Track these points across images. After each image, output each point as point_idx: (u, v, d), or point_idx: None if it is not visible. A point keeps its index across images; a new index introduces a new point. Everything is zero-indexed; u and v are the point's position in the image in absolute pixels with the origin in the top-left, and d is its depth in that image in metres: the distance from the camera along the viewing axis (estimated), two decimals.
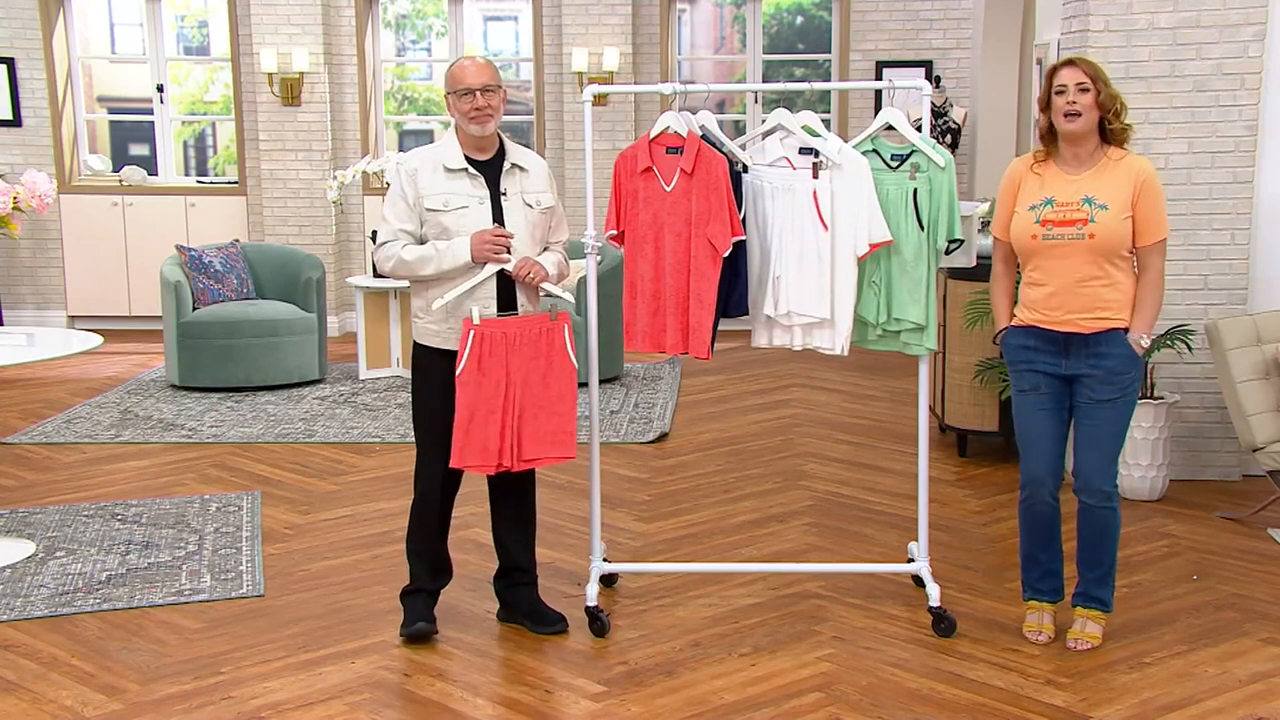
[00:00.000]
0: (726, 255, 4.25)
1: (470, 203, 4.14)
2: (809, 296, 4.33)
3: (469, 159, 4.17)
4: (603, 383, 7.89)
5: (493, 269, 4.09)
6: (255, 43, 9.89)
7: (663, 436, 6.94)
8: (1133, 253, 4.08)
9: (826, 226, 4.27)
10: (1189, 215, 5.76)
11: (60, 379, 8.43)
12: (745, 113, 10.72)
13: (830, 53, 10.50)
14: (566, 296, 4.36)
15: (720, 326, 4.39)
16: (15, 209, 7.01)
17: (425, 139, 11.82)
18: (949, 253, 4.35)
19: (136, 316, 10.27)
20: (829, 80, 10.49)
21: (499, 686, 3.99)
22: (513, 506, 4.38)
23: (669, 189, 4.31)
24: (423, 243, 4.16)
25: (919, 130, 4.38)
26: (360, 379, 8.33)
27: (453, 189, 4.14)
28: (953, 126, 9.60)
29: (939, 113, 9.56)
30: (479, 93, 4.09)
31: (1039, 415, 4.16)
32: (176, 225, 10.17)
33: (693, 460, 6.50)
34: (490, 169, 4.19)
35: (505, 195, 4.18)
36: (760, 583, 4.75)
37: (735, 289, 4.36)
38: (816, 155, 4.29)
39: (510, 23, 12.92)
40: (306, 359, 8.16)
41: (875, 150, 4.34)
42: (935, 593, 4.38)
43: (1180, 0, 5.72)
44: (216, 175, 11.64)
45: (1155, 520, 5.48)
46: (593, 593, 4.41)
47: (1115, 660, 4.11)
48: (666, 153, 4.32)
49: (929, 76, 9.95)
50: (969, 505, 5.73)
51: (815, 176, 4.29)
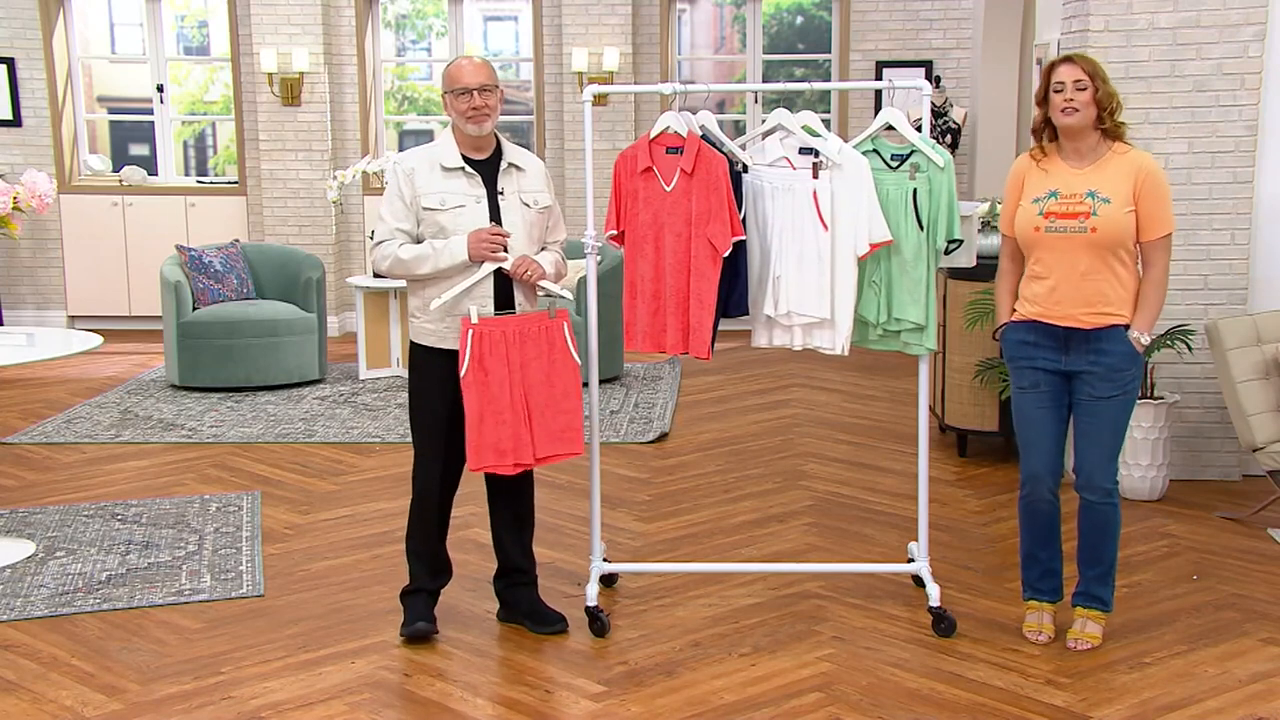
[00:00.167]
0: (726, 255, 4.25)
1: (467, 202, 4.13)
2: (809, 296, 4.33)
3: (466, 158, 4.17)
4: (603, 383, 7.89)
5: (490, 268, 4.09)
6: (255, 43, 9.89)
7: (663, 436, 6.94)
8: (1137, 247, 4.09)
9: (826, 226, 4.27)
10: (1189, 215, 5.76)
11: (60, 379, 8.43)
12: (745, 113, 10.72)
13: (830, 53, 10.50)
14: (565, 294, 4.35)
15: (720, 326, 4.39)
16: (15, 209, 7.00)
17: (425, 139, 11.81)
18: (948, 253, 4.35)
19: (136, 316, 10.27)
20: (829, 80, 10.48)
21: (499, 686, 3.99)
22: (510, 507, 4.38)
23: (669, 189, 4.31)
24: (420, 242, 4.16)
25: (919, 130, 4.38)
26: (360, 379, 8.33)
27: (449, 188, 4.14)
28: (953, 126, 9.60)
29: (939, 113, 9.56)
30: (476, 92, 4.09)
31: (1039, 413, 4.16)
32: (176, 225, 10.17)
33: (693, 460, 6.50)
34: (487, 168, 4.19)
35: (502, 194, 4.18)
36: (760, 583, 4.75)
37: (735, 289, 4.36)
38: (816, 155, 4.29)
39: (510, 23, 12.91)
40: (306, 359, 8.16)
41: (875, 150, 4.34)
42: (935, 593, 4.38)
43: (1180, 0, 5.72)
44: (216, 175, 11.64)
45: (1155, 520, 5.48)
46: (593, 593, 4.41)
47: (1115, 660, 4.11)
48: (666, 153, 4.32)
49: (929, 76, 9.95)
50: (969, 505, 5.73)
51: (815, 176, 4.28)
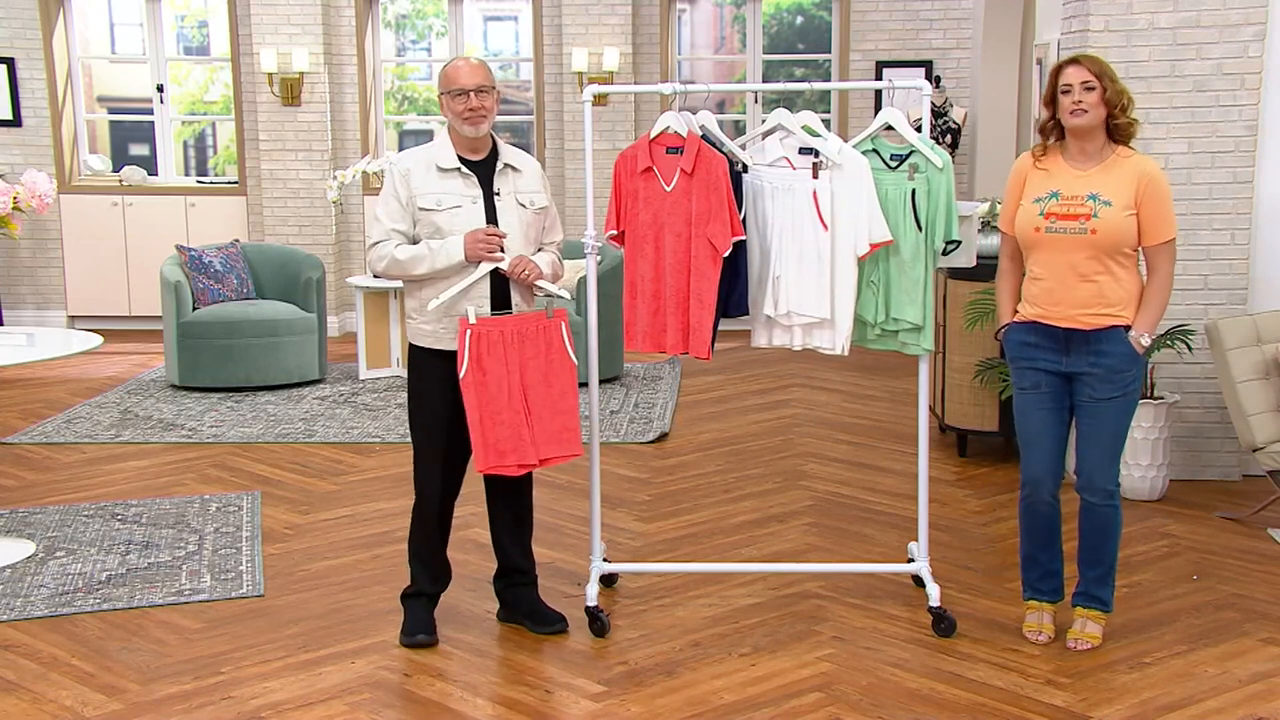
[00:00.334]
0: (726, 255, 4.25)
1: (463, 202, 4.13)
2: (809, 296, 4.32)
3: (462, 159, 4.17)
4: (603, 383, 7.89)
5: (486, 268, 4.09)
6: (255, 43, 9.89)
7: (663, 436, 6.94)
8: (1137, 251, 4.08)
9: (826, 226, 4.27)
10: (1189, 215, 5.76)
11: (60, 379, 8.43)
12: (745, 113, 10.72)
13: (830, 53, 10.50)
14: (562, 293, 4.35)
15: (720, 326, 4.39)
16: (15, 209, 7.00)
17: (425, 139, 11.81)
18: (946, 253, 4.35)
19: (136, 316, 10.27)
20: (829, 80, 10.48)
21: (499, 686, 3.99)
22: (509, 508, 4.38)
23: (669, 189, 4.31)
24: (416, 243, 4.16)
25: (919, 130, 4.38)
26: (360, 379, 8.33)
27: (445, 189, 4.14)
28: (953, 126, 9.60)
29: (939, 113, 9.56)
30: (473, 93, 4.09)
31: (1040, 414, 4.15)
32: (176, 225, 10.17)
33: (693, 460, 6.50)
34: (483, 169, 4.19)
35: (499, 195, 4.18)
36: (760, 583, 4.75)
37: (735, 289, 4.36)
38: (816, 155, 4.29)
39: (510, 23, 12.91)
40: (306, 359, 8.16)
41: (875, 150, 4.34)
42: (935, 593, 4.38)
43: (1180, 0, 5.72)
44: (216, 175, 11.64)
45: (1155, 520, 5.48)
46: (593, 593, 4.41)
47: (1115, 660, 4.11)
48: (666, 153, 4.32)
49: (929, 76, 9.95)
50: (969, 505, 5.73)
51: (815, 176, 4.28)
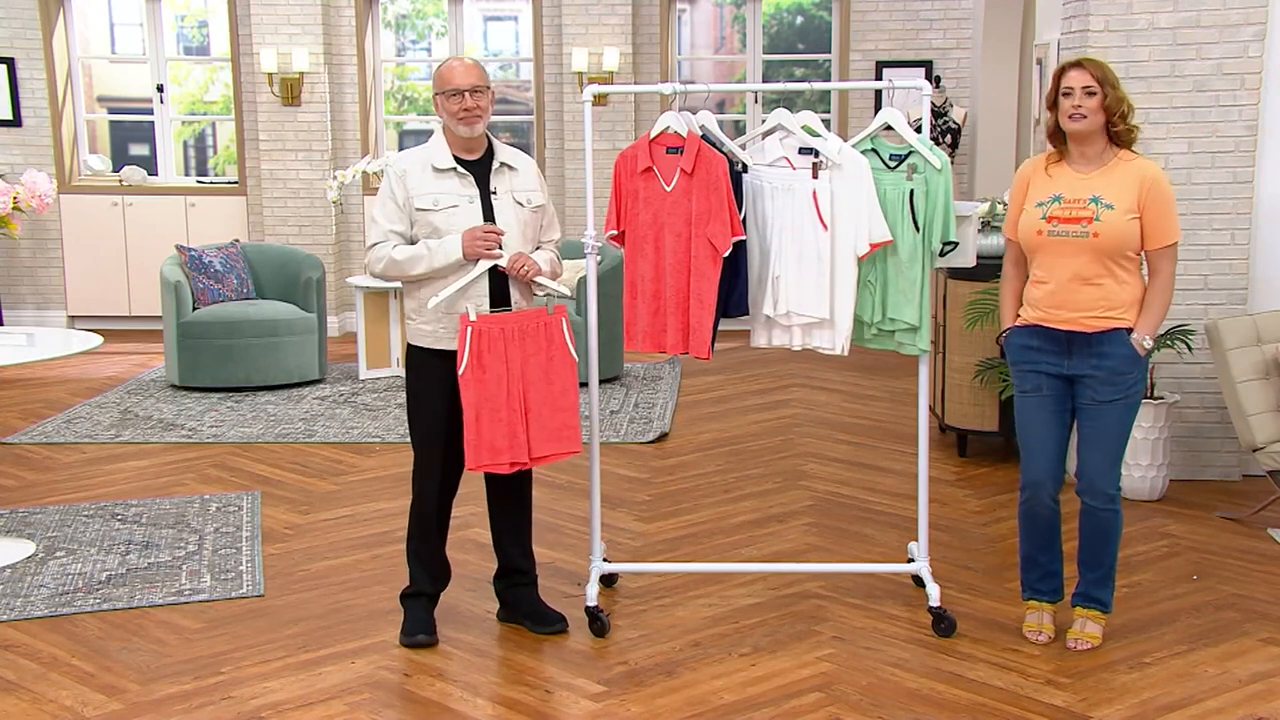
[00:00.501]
0: (726, 255, 4.25)
1: (460, 202, 4.14)
2: (809, 296, 4.32)
3: (458, 159, 4.17)
4: (603, 383, 7.89)
5: (485, 265, 4.09)
6: (255, 43, 9.89)
7: (663, 436, 6.94)
8: (1139, 254, 4.08)
9: (826, 226, 4.27)
10: (1189, 215, 5.76)
11: (60, 379, 8.43)
12: (745, 113, 10.71)
13: (830, 53, 10.50)
14: (562, 290, 4.35)
15: (720, 326, 4.39)
16: (15, 209, 7.01)
17: (425, 139, 11.76)
18: (943, 254, 4.35)
19: (136, 316, 10.27)
20: (829, 80, 10.48)
21: (499, 686, 3.99)
22: (509, 508, 4.38)
23: (669, 189, 4.31)
24: (413, 244, 4.16)
25: (919, 131, 4.38)
26: (360, 379, 8.32)
27: (442, 189, 4.14)
28: (953, 126, 9.60)
29: (939, 113, 9.56)
30: (468, 93, 4.09)
31: (1040, 417, 4.14)
32: (176, 225, 10.16)
33: (693, 460, 6.50)
34: (479, 168, 4.19)
35: (495, 194, 4.18)
36: (760, 583, 4.75)
37: (735, 289, 4.36)
38: (816, 155, 4.29)
39: (510, 23, 12.91)
40: (306, 359, 8.16)
41: (874, 150, 4.34)
42: (935, 593, 4.38)
43: (1180, 0, 5.72)
44: (216, 175, 11.64)
45: (1155, 520, 5.48)
46: (593, 593, 4.41)
47: (1115, 660, 4.11)
48: (666, 153, 4.32)
49: (929, 76, 9.95)
50: (969, 505, 5.73)
51: (815, 176, 4.28)
